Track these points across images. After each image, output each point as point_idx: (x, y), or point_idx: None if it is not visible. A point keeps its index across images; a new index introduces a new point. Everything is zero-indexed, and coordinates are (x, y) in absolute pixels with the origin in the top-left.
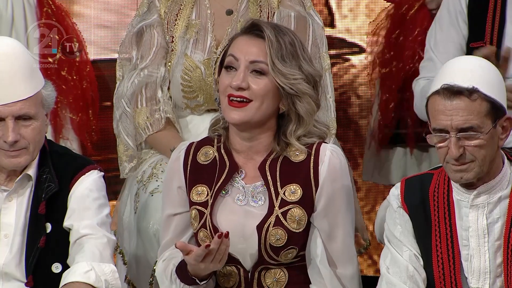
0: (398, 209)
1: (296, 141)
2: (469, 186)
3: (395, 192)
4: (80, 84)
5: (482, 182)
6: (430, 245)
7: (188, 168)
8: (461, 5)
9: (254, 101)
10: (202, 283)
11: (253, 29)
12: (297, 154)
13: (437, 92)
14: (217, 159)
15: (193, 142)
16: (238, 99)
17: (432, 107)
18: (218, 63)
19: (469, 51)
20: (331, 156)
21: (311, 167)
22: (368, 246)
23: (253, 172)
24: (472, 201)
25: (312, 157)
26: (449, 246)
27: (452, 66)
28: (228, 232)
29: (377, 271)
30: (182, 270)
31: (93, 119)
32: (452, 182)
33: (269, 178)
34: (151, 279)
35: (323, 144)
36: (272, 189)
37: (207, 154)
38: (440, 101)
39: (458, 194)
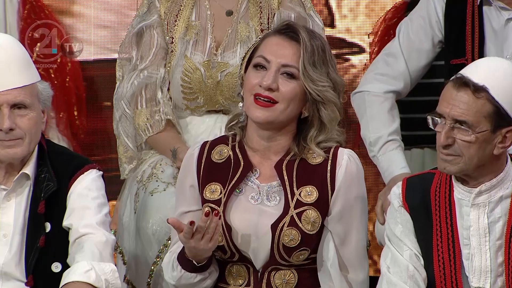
0: (399, 208)
1: (315, 146)
2: (470, 185)
3: (396, 191)
4: (60, 82)
5: (484, 180)
6: (431, 244)
7: (202, 166)
8: (437, 14)
9: (280, 103)
10: (199, 265)
11: (287, 31)
12: (315, 157)
13: (452, 79)
14: (232, 158)
15: (208, 141)
16: (266, 99)
17: (443, 92)
18: (245, 59)
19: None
20: (348, 160)
21: (328, 170)
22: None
23: (269, 172)
24: (473, 200)
25: (330, 161)
26: (450, 245)
27: (476, 62)
28: (218, 211)
29: (377, 271)
30: (182, 255)
31: (78, 117)
32: (453, 181)
33: (285, 177)
34: (148, 280)
35: (341, 148)
36: (288, 189)
37: (221, 153)
38: (449, 89)
39: (459, 193)
